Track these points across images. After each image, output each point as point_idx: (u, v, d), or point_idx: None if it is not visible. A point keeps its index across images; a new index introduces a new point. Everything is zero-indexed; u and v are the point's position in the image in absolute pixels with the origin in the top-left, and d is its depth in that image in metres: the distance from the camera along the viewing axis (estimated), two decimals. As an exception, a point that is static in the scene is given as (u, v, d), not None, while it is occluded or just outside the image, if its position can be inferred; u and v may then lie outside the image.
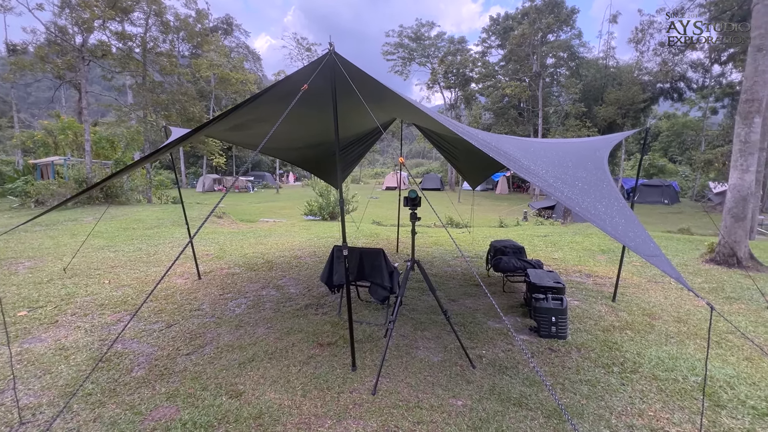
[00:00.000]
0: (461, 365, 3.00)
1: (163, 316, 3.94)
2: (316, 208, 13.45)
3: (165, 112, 19.47)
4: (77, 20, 15.20)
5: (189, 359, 3.08)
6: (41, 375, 2.80)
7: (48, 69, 17.63)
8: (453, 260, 6.48)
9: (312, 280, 5.27)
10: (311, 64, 2.30)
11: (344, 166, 7.20)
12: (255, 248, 7.28)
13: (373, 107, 4.27)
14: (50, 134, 18.78)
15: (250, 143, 4.79)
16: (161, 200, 17.02)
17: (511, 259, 4.67)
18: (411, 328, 3.67)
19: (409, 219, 2.91)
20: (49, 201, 13.14)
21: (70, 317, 3.88)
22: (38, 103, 50.98)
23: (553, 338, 3.46)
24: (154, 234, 8.48)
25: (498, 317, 3.99)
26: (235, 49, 42.11)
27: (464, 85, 37.43)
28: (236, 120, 3.05)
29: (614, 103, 27.46)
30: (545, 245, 7.72)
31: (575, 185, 2.27)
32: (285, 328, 3.67)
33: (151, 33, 19.82)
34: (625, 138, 4.35)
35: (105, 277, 5.21)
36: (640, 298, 4.52)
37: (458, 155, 6.37)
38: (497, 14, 36.43)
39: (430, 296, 4.57)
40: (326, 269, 3.81)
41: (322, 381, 2.76)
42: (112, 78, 21.91)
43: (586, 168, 2.71)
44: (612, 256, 6.68)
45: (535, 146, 3.03)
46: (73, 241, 7.41)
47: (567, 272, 5.66)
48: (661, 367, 2.97)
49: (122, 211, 11.80)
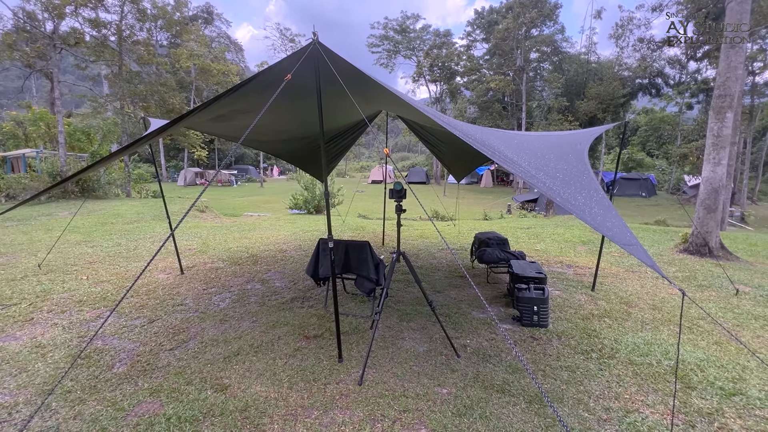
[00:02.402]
0: (446, 355, 3.05)
1: (144, 312, 3.87)
2: (302, 202, 13.34)
3: (143, 104, 18.88)
4: (47, 6, 14.51)
5: (172, 354, 3.03)
6: (17, 373, 2.72)
7: (16, 57, 16.83)
8: (438, 252, 6.54)
9: (298, 273, 5.25)
10: (295, 54, 2.26)
11: (329, 159, 7.15)
12: (239, 242, 7.18)
13: (359, 99, 4.25)
14: (20, 125, 17.99)
15: (232, 135, 4.70)
16: (140, 194, 16.58)
17: (495, 251, 4.75)
18: (397, 320, 3.71)
19: (395, 211, 2.92)
20: (20, 195, 12.62)
21: (47, 314, 3.76)
22: (6, 93, 48.63)
23: (535, 327, 3.55)
24: (134, 229, 8.27)
25: (482, 307, 4.06)
26: (216, 39, 40.94)
27: (449, 78, 37.49)
28: (218, 111, 2.99)
29: (595, 98, 28.02)
30: (528, 237, 7.87)
31: (556, 177, 2.32)
32: (270, 322, 3.65)
33: (127, 21, 19.08)
34: (605, 132, 4.45)
35: (83, 273, 5.06)
36: (618, 287, 4.68)
37: (442, 148, 6.41)
38: (482, 8, 36.42)
39: (415, 288, 4.61)
40: (312, 262, 3.80)
41: (309, 373, 2.77)
42: (86, 67, 21.05)
43: (567, 160, 2.77)
44: (592, 247, 6.87)
45: (518, 139, 3.08)
46: (48, 236, 7.16)
47: (549, 263, 5.79)
48: (637, 353, 3.09)
49: (100, 205, 11.44)
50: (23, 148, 16.73)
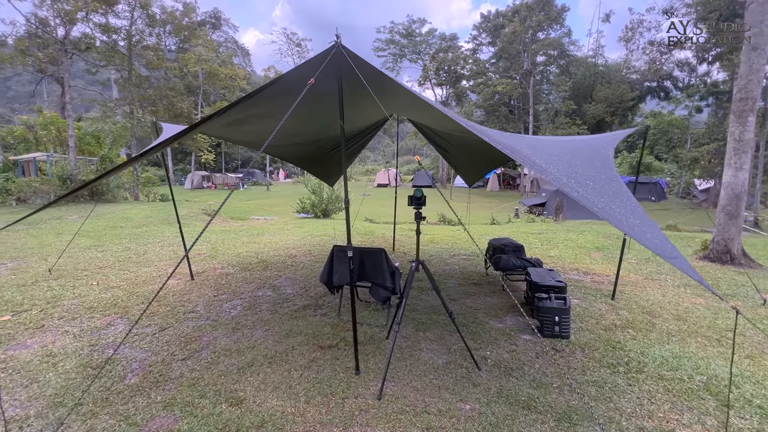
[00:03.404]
0: (466, 367, 2.94)
1: (155, 319, 3.80)
2: (309, 206, 13.29)
3: (152, 108, 19.01)
4: (59, 12, 14.68)
5: (185, 365, 2.96)
6: (28, 384, 2.66)
7: (29, 62, 17.02)
8: (450, 258, 6.43)
9: (308, 280, 5.17)
10: (316, 58, 2.20)
11: (338, 164, 7.09)
12: (248, 247, 7.13)
13: (372, 102, 4.18)
14: (30, 129, 18.18)
15: (246, 140, 4.66)
16: (148, 198, 16.64)
17: (511, 258, 4.64)
18: (413, 329, 3.61)
19: (414, 218, 2.83)
20: (31, 199, 12.73)
21: (58, 321, 3.72)
22: (18, 97, 49.40)
23: (557, 338, 3.43)
24: (143, 233, 8.25)
25: (500, 317, 3.95)
26: (223, 44, 41.35)
27: (455, 82, 37.44)
28: (234, 116, 2.93)
29: (603, 101, 27.77)
30: (540, 243, 7.74)
31: (587, 185, 2.22)
32: (284, 331, 3.57)
33: (137, 26, 19.28)
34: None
35: (93, 279, 5.02)
36: (638, 296, 4.54)
37: (453, 152, 6.31)
38: (488, 11, 36.46)
39: (430, 296, 4.51)
40: (326, 270, 3.71)
41: (326, 386, 2.67)
42: (97, 72, 21.29)
43: (594, 167, 2.67)
44: (607, 254, 6.72)
45: (541, 144, 2.98)
46: (58, 240, 7.16)
47: (564, 270, 5.66)
48: (666, 367, 2.96)
49: (109, 209, 11.48)
50: (34, 152, 16.88)
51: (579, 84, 30.93)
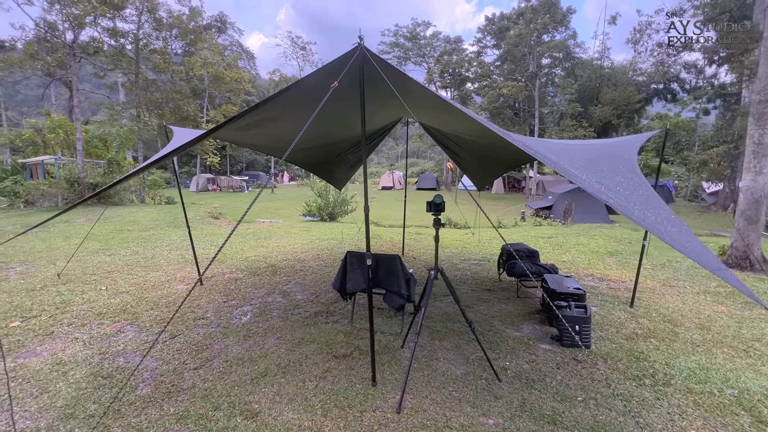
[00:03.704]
0: (486, 378, 2.85)
1: (165, 326, 3.74)
2: (315, 209, 13.25)
3: (158, 111, 19.11)
4: (68, 16, 14.79)
5: (197, 374, 2.89)
6: (38, 394, 2.60)
7: (38, 66, 17.19)
8: (461, 263, 6.34)
9: (318, 285, 5.09)
10: (339, 60, 2.13)
11: (347, 168, 7.03)
12: (256, 251, 7.08)
13: (385, 105, 4.12)
14: (38, 133, 18.31)
15: (258, 144, 4.60)
16: (154, 200, 16.68)
17: (526, 264, 4.54)
18: (428, 338, 3.52)
19: (433, 225, 2.75)
20: (39, 201, 12.78)
21: (67, 327, 3.66)
22: (27, 101, 49.92)
23: (577, 348, 3.33)
24: (151, 236, 8.23)
25: (516, 324, 3.85)
26: (228, 48, 41.57)
27: (460, 84, 37.38)
28: (248, 120, 2.87)
29: (610, 104, 27.57)
30: (551, 247, 7.62)
31: (618, 191, 2.13)
32: (296, 339, 3.49)
33: (144, 30, 19.42)
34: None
35: (102, 283, 4.98)
36: (658, 304, 4.42)
37: (462, 154, 6.23)
38: (492, 14, 36.44)
39: (444, 302, 4.42)
40: (339, 276, 3.64)
41: (342, 398, 2.59)
42: (104, 75, 21.43)
43: (621, 172, 2.58)
44: (620, 259, 6.60)
45: (565, 148, 2.89)
46: (66, 244, 7.14)
47: (578, 276, 5.55)
48: (694, 379, 2.85)
49: (116, 212, 11.49)
50: (42, 155, 16.99)
51: (585, 86, 30.75)
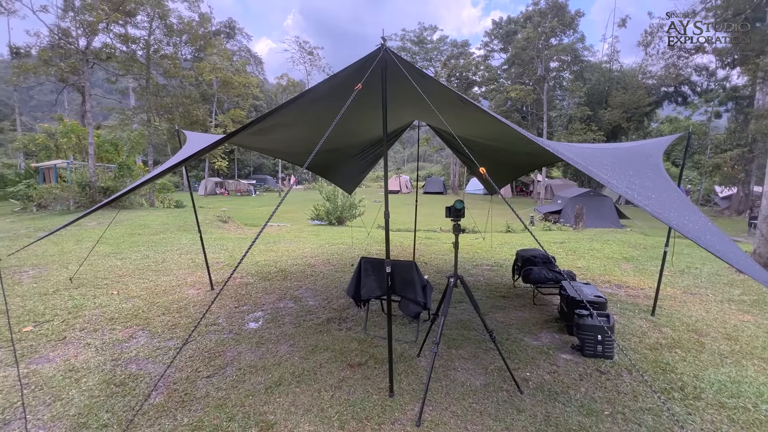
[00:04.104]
0: (507, 390, 2.76)
1: (177, 332, 3.70)
2: (323, 213, 13.22)
3: (168, 116, 19.31)
4: (81, 23, 15.03)
5: (210, 382, 2.83)
6: (51, 402, 2.56)
7: (51, 72, 17.47)
8: (474, 269, 6.24)
9: (330, 290, 5.03)
10: (361, 62, 2.08)
11: (358, 172, 6.99)
12: (266, 255, 7.04)
13: (400, 108, 4.07)
14: (51, 137, 18.59)
15: (270, 148, 4.58)
16: (164, 204, 16.78)
17: (542, 270, 4.43)
18: (445, 347, 3.43)
19: (452, 230, 2.67)
20: (51, 205, 12.92)
21: (79, 333, 3.64)
22: (40, 106, 50.86)
23: (599, 358, 3.22)
24: (161, 240, 8.24)
25: (534, 333, 3.75)
26: (237, 53, 42.03)
27: (467, 88, 37.32)
28: (262, 125, 2.83)
29: (619, 107, 27.31)
30: (565, 252, 7.48)
31: (649, 197, 2.04)
32: (309, 346, 3.43)
33: (155, 36, 19.69)
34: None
35: (113, 288, 4.97)
36: (680, 312, 4.28)
37: (474, 158, 6.14)
38: (500, 18, 36.43)
39: (458, 309, 4.33)
40: (353, 282, 3.57)
41: (359, 409, 2.52)
42: (116, 81, 21.71)
43: (648, 177, 2.49)
44: (637, 265, 6.44)
45: (590, 153, 2.81)
46: (78, 247, 7.18)
47: (595, 283, 5.41)
48: (725, 393, 2.73)
49: (126, 215, 11.56)
50: (54, 159, 17.22)
51: (594, 90, 30.53)
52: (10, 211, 12.64)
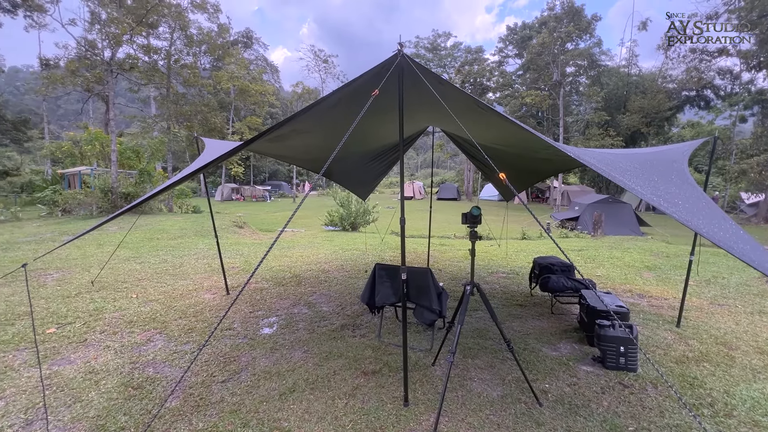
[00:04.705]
0: (525, 402, 2.68)
1: (193, 336, 3.74)
2: (337, 219, 13.27)
3: (187, 123, 19.80)
4: (107, 35, 15.63)
5: (225, 387, 2.84)
6: (71, 403, 2.61)
7: (78, 82, 18.17)
8: (489, 276, 6.14)
9: (344, 297, 5.02)
10: (377, 68, 2.08)
11: (372, 178, 7.00)
12: (280, 261, 7.09)
13: (414, 114, 4.06)
14: (76, 145, 19.29)
15: (284, 155, 4.62)
16: (181, 209, 17.15)
17: (561, 278, 4.32)
18: (460, 355, 3.36)
19: (469, 237, 2.63)
20: (75, 210, 13.35)
21: (99, 335, 3.71)
22: (67, 115, 52.97)
23: (622, 371, 3.10)
24: (179, 245, 8.40)
25: (553, 343, 3.64)
26: (254, 62, 42.95)
27: (481, 94, 37.17)
28: (279, 131, 2.86)
29: (638, 112, 26.72)
30: (583, 260, 7.30)
31: (676, 203, 1.97)
32: (323, 353, 3.41)
33: (176, 46, 20.29)
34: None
35: (132, 291, 5.07)
36: (707, 324, 4.10)
37: (491, 165, 6.07)
38: (514, 24, 36.30)
39: (473, 318, 4.25)
40: (367, 289, 3.55)
41: (373, 418, 2.48)
42: (138, 90, 22.43)
43: (674, 183, 2.40)
44: (660, 274, 6.23)
45: (613, 158, 2.73)
46: (100, 251, 7.37)
47: (616, 292, 5.25)
48: (759, 411, 2.58)
49: (146, 220, 11.85)
50: (79, 165, 17.84)
51: (611, 94, 29.98)
52: (37, 216, 13.12)
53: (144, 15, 16.06)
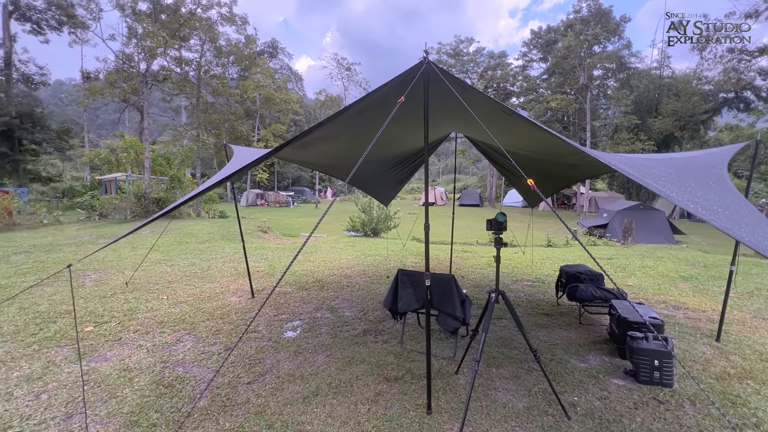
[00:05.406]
0: (553, 415, 2.59)
1: (220, 337, 3.84)
2: (359, 224, 13.36)
3: (215, 131, 20.53)
4: (143, 48, 16.48)
5: (250, 389, 2.90)
6: (107, 399, 2.73)
7: (116, 93, 19.19)
8: (513, 284, 6.01)
9: (366, 302, 5.03)
10: (403, 76, 2.11)
11: (395, 184, 7.02)
12: (303, 265, 7.19)
13: (438, 120, 4.06)
14: (113, 152, 20.35)
15: (308, 161, 4.71)
16: (209, 214, 17.72)
17: (590, 288, 4.18)
18: (484, 365, 3.30)
19: (494, 244, 2.60)
20: (111, 214, 14.04)
21: (133, 334, 3.87)
22: (105, 125, 56.02)
23: (656, 385, 2.96)
24: (206, 248, 8.67)
25: (581, 354, 3.52)
26: (279, 71, 44.12)
27: (504, 99, 36.69)
28: (304, 139, 2.93)
29: (671, 115, 25.64)
30: (613, 269, 7.03)
31: (716, 211, 1.88)
32: (346, 357, 3.43)
33: (206, 57, 21.14)
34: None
35: (163, 293, 5.27)
36: (750, 339, 3.86)
37: (514, 170, 5.97)
38: (539, 27, 35.76)
39: (497, 326, 4.17)
40: (390, 295, 3.56)
41: (396, 425, 2.46)
42: (171, 100, 23.47)
43: (712, 189, 2.29)
44: (696, 285, 5.92)
45: (645, 164, 2.64)
46: (133, 254, 7.71)
47: (649, 303, 5.02)
48: (812, 434, 2.40)
49: (175, 224, 12.31)
50: (115, 172, 18.80)
51: (642, 97, 28.92)
52: (76, 220, 13.87)
53: (177, 29, 16.85)
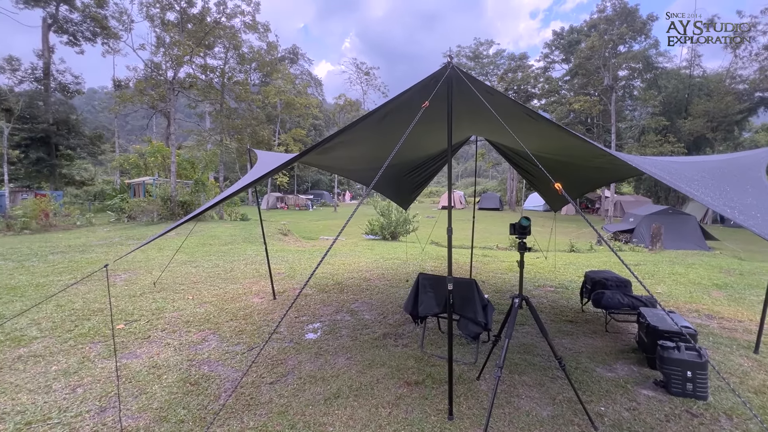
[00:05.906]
0: (579, 424, 2.52)
1: (243, 338, 3.93)
2: (377, 228, 13.40)
3: (238, 136, 21.07)
4: (170, 56, 17.12)
5: (273, 389, 2.95)
6: (138, 394, 2.83)
7: (145, 100, 19.98)
8: (535, 290, 5.89)
9: (385, 305, 5.04)
10: (426, 80, 2.12)
11: (414, 187, 7.02)
12: (323, 268, 7.27)
13: (459, 123, 4.04)
14: (141, 157, 21.17)
15: (329, 166, 4.78)
16: (231, 217, 18.16)
17: (616, 294, 4.05)
18: (506, 371, 3.25)
19: (518, 249, 2.56)
20: (139, 216, 14.59)
21: (161, 333, 4.01)
22: (134, 130, 58.36)
23: (689, 397, 2.83)
24: (229, 250, 8.89)
25: (607, 363, 3.41)
26: (299, 76, 44.91)
27: (525, 101, 36.12)
28: (327, 144, 2.98)
29: (702, 116, 24.64)
30: (641, 276, 6.79)
31: (754, 216, 1.80)
32: (366, 360, 3.44)
33: (229, 64, 21.76)
34: None
35: (188, 293, 5.43)
36: (792, 351, 3.65)
37: (538, 174, 5.88)
38: (561, 28, 35.10)
39: (519, 332, 4.10)
40: (410, 298, 3.55)
41: (417, 429, 2.45)
42: (196, 106, 24.27)
43: (749, 193, 2.20)
44: (732, 293, 5.64)
45: (678, 167, 2.55)
46: (160, 255, 7.98)
47: (680, 311, 4.82)
48: None
49: (200, 226, 12.68)
50: (143, 176, 19.54)
51: (670, 98, 27.92)
52: (106, 222, 14.49)
53: (202, 37, 17.44)
